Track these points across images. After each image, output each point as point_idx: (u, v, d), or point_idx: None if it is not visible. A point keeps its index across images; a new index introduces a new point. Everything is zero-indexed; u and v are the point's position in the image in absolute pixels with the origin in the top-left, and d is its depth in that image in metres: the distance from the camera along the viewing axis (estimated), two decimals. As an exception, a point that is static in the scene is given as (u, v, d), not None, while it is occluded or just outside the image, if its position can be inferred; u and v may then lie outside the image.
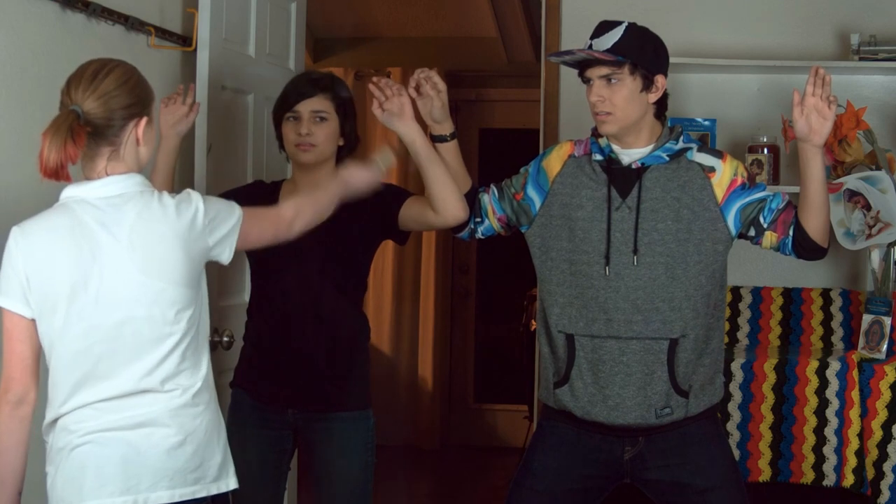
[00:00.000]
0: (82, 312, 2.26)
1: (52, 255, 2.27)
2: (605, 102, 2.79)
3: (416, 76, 2.96)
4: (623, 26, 2.79)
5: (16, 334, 2.31)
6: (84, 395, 2.28)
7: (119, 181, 2.31)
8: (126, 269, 2.27)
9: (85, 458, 2.27)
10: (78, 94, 2.27)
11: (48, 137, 2.22)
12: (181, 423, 2.31)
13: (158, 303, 2.29)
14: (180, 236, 2.32)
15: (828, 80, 2.73)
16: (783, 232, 2.84)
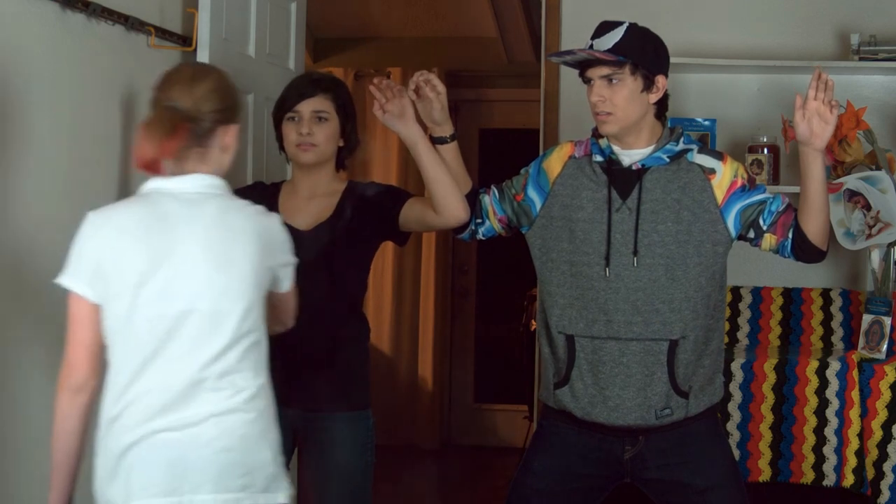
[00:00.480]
0: (148, 300, 2.28)
1: (126, 242, 2.30)
2: (605, 102, 2.79)
3: (416, 79, 2.96)
4: (624, 26, 2.79)
5: (81, 319, 2.31)
6: (142, 385, 2.28)
7: (203, 179, 2.37)
8: (198, 261, 2.30)
9: (133, 459, 2.27)
10: (174, 92, 2.34)
11: (147, 130, 2.28)
12: (231, 428, 2.30)
13: (226, 298, 2.31)
14: (258, 238, 2.36)
15: (830, 84, 2.74)
16: (783, 234, 2.84)
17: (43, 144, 2.91)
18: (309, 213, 3.06)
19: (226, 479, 2.29)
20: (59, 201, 2.98)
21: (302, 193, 3.10)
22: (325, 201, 3.09)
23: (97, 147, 3.15)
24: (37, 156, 2.88)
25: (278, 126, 3.11)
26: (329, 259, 3.04)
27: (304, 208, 3.08)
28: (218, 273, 2.31)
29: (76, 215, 3.05)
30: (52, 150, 2.95)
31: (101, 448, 2.33)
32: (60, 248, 2.99)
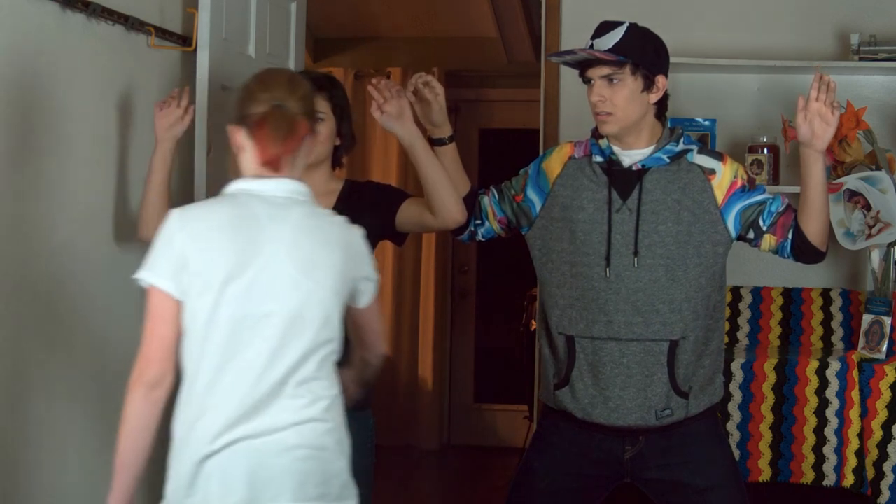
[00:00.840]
0: (233, 299, 2.26)
1: (214, 240, 2.28)
2: (606, 102, 2.79)
3: (414, 81, 2.96)
4: (624, 26, 2.79)
5: (161, 314, 2.28)
6: (221, 389, 2.26)
7: (291, 184, 2.37)
8: (284, 263, 2.29)
9: (212, 468, 2.25)
10: (280, 93, 2.34)
11: (265, 128, 2.30)
12: (309, 437, 2.28)
13: (309, 304, 2.29)
14: (342, 247, 2.36)
15: (832, 86, 2.74)
16: (782, 235, 2.84)
17: (43, 144, 2.91)
18: None
19: (304, 488, 2.27)
20: (58, 200, 2.98)
21: None
22: (321, 201, 3.04)
23: (96, 147, 3.15)
24: (36, 155, 2.88)
25: None
26: None
27: None
28: (302, 277, 2.29)
29: (75, 214, 3.06)
30: (52, 149, 2.95)
31: (178, 456, 2.29)
32: (57, 247, 3.00)
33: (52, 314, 2.97)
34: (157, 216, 3.10)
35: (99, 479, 2.51)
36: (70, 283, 3.05)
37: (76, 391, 3.09)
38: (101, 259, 3.19)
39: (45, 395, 2.95)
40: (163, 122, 3.09)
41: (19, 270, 2.82)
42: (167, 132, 3.09)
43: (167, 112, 3.09)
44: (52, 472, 2.99)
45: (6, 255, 2.76)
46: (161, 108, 3.10)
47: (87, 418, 3.15)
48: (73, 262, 3.05)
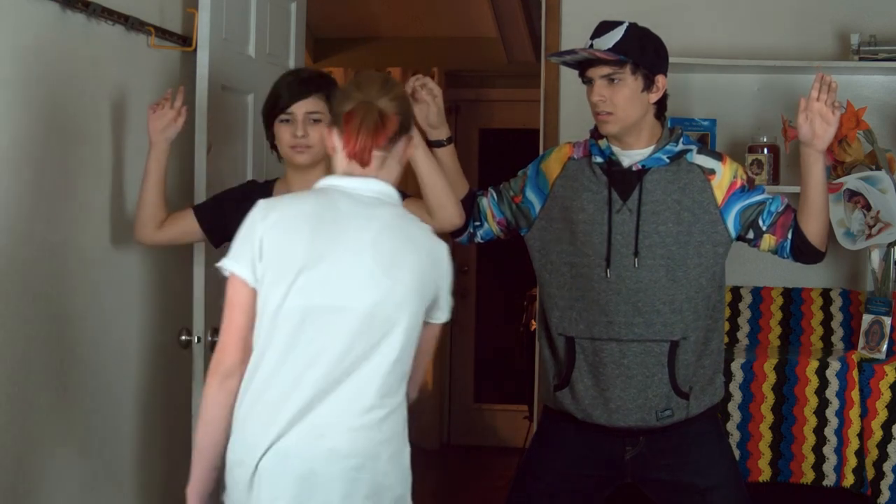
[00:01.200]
0: (303, 290, 2.24)
1: (292, 230, 2.28)
2: (606, 102, 2.79)
3: (411, 83, 2.96)
4: (624, 26, 2.79)
5: (237, 303, 2.29)
6: (279, 382, 2.23)
7: (381, 185, 2.36)
8: (363, 260, 2.26)
9: (263, 470, 2.23)
10: (373, 92, 2.34)
11: (354, 122, 2.30)
12: (364, 447, 2.24)
13: (386, 302, 2.26)
14: (428, 253, 2.32)
15: (834, 86, 2.74)
16: (782, 235, 2.84)
17: (42, 144, 2.91)
18: None
19: (352, 498, 2.24)
20: (57, 201, 2.98)
21: (295, 193, 3.07)
22: None
23: (95, 146, 3.15)
24: (36, 155, 2.88)
25: (269, 126, 3.05)
26: None
27: None
28: (382, 275, 2.26)
29: (74, 214, 3.06)
30: (52, 149, 2.95)
31: (232, 448, 2.28)
32: (57, 246, 2.99)
33: (50, 314, 2.97)
34: (152, 218, 3.10)
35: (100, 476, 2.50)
36: (70, 282, 3.05)
37: (74, 390, 3.09)
38: (100, 259, 3.19)
39: (44, 395, 2.95)
40: (156, 124, 3.08)
41: (19, 270, 2.82)
42: (161, 134, 3.08)
43: (160, 114, 3.08)
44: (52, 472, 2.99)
45: (6, 255, 2.76)
46: (154, 111, 3.09)
47: (84, 413, 3.15)
48: (72, 262, 3.05)
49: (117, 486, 3.33)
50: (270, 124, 3.04)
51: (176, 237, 3.14)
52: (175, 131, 3.11)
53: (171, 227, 3.12)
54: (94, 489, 3.19)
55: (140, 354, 3.40)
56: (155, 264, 3.41)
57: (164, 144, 3.09)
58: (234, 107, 3.54)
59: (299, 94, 2.99)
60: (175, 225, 3.12)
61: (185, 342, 3.36)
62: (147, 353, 3.44)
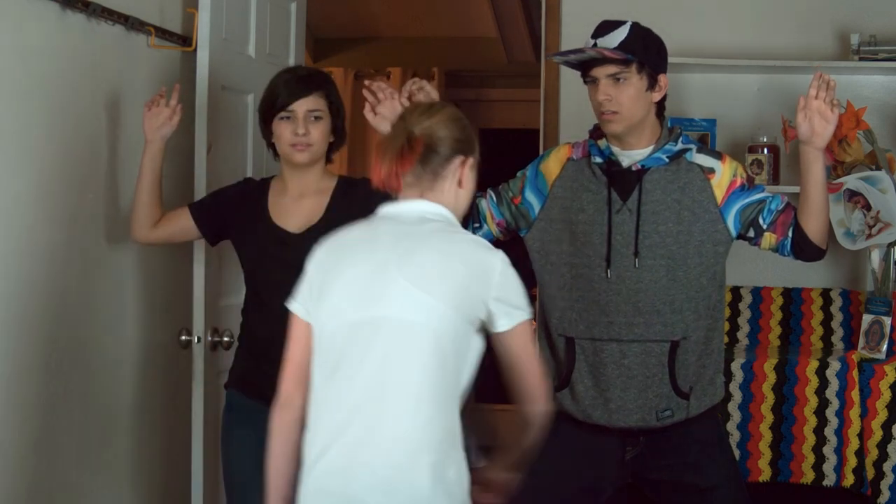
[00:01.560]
0: (340, 310, 2.25)
1: (334, 259, 2.30)
2: (612, 101, 2.79)
3: (408, 86, 2.96)
4: (627, 25, 2.79)
5: (293, 336, 2.33)
6: (324, 404, 2.23)
7: (429, 205, 2.33)
8: (391, 273, 2.24)
9: (306, 492, 2.22)
10: (413, 118, 2.33)
11: (380, 149, 2.30)
12: (397, 460, 2.18)
13: (420, 312, 2.22)
14: (468, 264, 2.27)
15: (832, 84, 2.74)
16: (782, 233, 2.84)
17: (42, 144, 2.91)
18: (300, 214, 3.02)
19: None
20: (56, 200, 2.98)
21: (292, 192, 3.05)
22: (315, 200, 3.04)
23: (95, 146, 3.15)
24: (36, 155, 2.88)
25: (267, 124, 3.03)
26: None
27: (294, 209, 3.03)
28: (414, 289, 2.22)
29: (74, 214, 3.06)
30: (52, 149, 2.95)
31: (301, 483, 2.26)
32: (58, 246, 3.00)
33: (50, 314, 2.97)
34: (148, 217, 3.10)
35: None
36: (69, 282, 3.05)
37: (74, 390, 3.09)
38: (100, 259, 3.19)
39: (44, 395, 2.95)
40: (151, 122, 3.08)
41: (19, 270, 2.82)
42: (156, 133, 3.08)
43: (155, 112, 3.08)
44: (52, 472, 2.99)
45: (6, 254, 2.76)
46: (149, 109, 3.09)
47: (84, 413, 3.15)
48: (72, 262, 3.05)
49: (117, 486, 3.33)
50: (268, 122, 3.02)
51: (172, 235, 3.14)
52: (170, 130, 3.10)
53: (167, 225, 3.12)
54: (94, 489, 3.19)
55: (140, 354, 3.40)
56: (155, 264, 3.41)
57: (160, 143, 3.09)
58: (234, 107, 3.54)
59: (301, 91, 2.98)
60: (171, 223, 3.12)
61: (185, 342, 3.36)
62: (147, 353, 3.44)
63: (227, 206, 3.09)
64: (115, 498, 3.31)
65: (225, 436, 3.10)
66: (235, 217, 3.07)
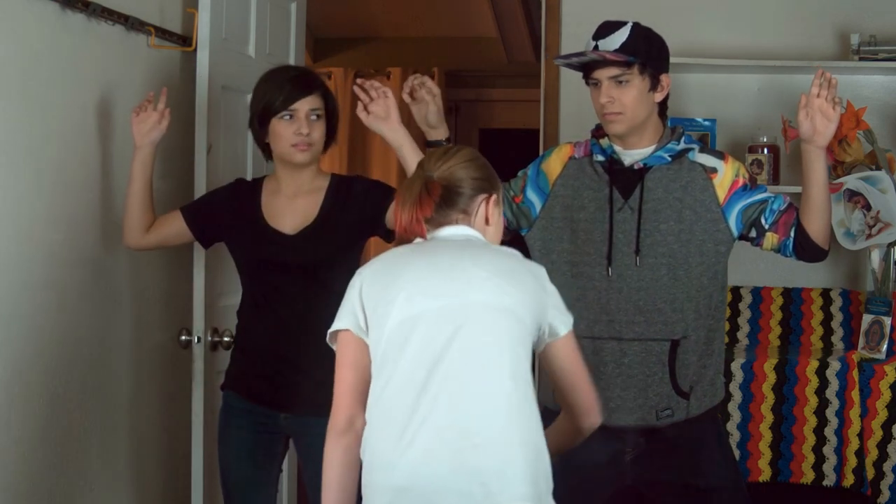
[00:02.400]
0: (415, 298, 2.21)
1: (389, 270, 2.27)
2: (615, 103, 2.79)
3: (410, 81, 2.96)
4: (629, 26, 2.78)
5: (342, 358, 2.27)
6: (380, 411, 2.19)
7: (467, 230, 2.33)
8: (465, 264, 2.24)
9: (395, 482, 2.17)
10: (430, 164, 2.34)
11: (401, 195, 2.30)
12: (502, 446, 2.14)
13: (501, 296, 2.21)
14: (527, 270, 2.30)
15: (834, 82, 2.74)
16: (784, 233, 2.84)
17: (42, 143, 2.91)
18: (294, 215, 3.01)
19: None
20: (56, 200, 2.98)
21: (286, 192, 3.03)
22: (309, 200, 3.03)
23: (95, 146, 3.15)
24: (36, 155, 2.88)
25: (263, 124, 2.99)
26: (316, 263, 2.99)
27: (288, 210, 3.01)
28: (493, 277, 2.22)
29: (74, 213, 3.06)
30: (51, 149, 2.95)
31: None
32: (57, 243, 2.99)
33: (50, 313, 2.97)
34: (140, 222, 3.08)
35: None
36: (69, 282, 3.05)
37: (73, 390, 3.09)
38: (100, 258, 3.19)
39: (43, 395, 2.95)
40: (140, 127, 3.06)
41: (19, 270, 2.82)
42: (145, 138, 3.06)
43: (144, 117, 3.06)
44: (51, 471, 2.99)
45: (6, 254, 2.76)
46: (137, 114, 3.06)
47: (83, 413, 3.15)
48: (72, 262, 3.05)
49: (117, 486, 3.33)
50: (265, 122, 2.99)
51: (165, 240, 3.13)
52: (159, 134, 3.08)
53: (160, 229, 3.10)
54: (94, 489, 3.19)
55: (140, 354, 3.40)
56: (155, 264, 3.41)
57: (149, 148, 3.07)
58: (234, 107, 3.53)
59: (302, 91, 2.96)
60: (163, 227, 3.10)
61: (185, 342, 3.36)
62: (147, 353, 3.44)
63: (220, 209, 3.08)
64: (115, 498, 3.31)
65: (222, 438, 3.10)
66: (228, 219, 3.06)
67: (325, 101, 3.02)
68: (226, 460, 3.08)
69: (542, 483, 2.19)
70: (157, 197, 3.34)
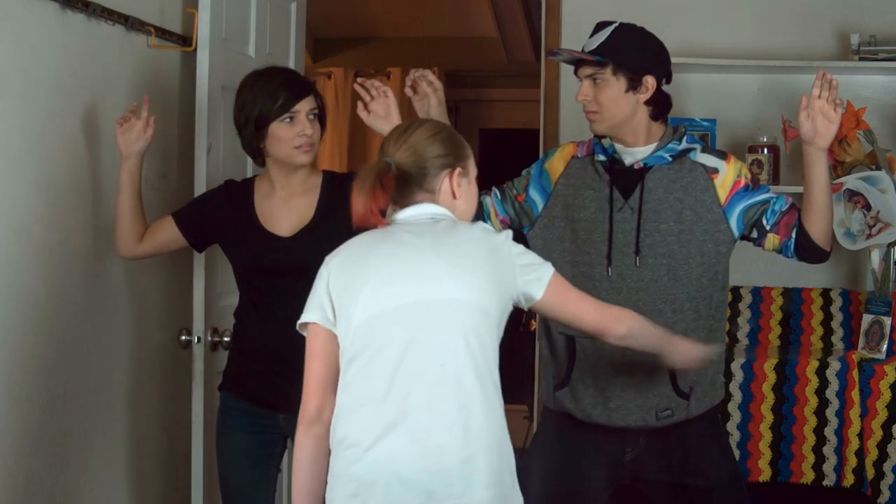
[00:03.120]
0: (378, 295, 2.23)
1: (354, 262, 2.28)
2: (591, 102, 2.82)
3: (412, 76, 2.96)
4: (612, 27, 2.79)
5: (311, 349, 2.30)
6: (374, 387, 2.20)
7: (432, 208, 2.33)
8: (427, 257, 2.24)
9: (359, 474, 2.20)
10: (390, 146, 2.33)
11: (357, 185, 2.27)
12: (471, 439, 2.18)
13: (464, 290, 2.22)
14: (490, 249, 2.29)
15: (835, 83, 2.74)
16: (786, 234, 2.83)
17: (42, 143, 2.91)
18: (290, 216, 3.00)
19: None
20: (56, 200, 2.98)
21: (280, 194, 3.02)
22: (304, 200, 3.02)
23: (95, 146, 3.15)
24: (36, 155, 2.88)
25: (260, 129, 2.95)
26: (312, 264, 2.98)
27: (283, 211, 3.01)
28: (451, 268, 2.23)
29: (73, 213, 3.06)
30: (51, 149, 2.95)
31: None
32: (57, 243, 3.00)
33: (49, 313, 2.97)
34: (132, 232, 3.06)
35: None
36: (69, 282, 3.05)
37: (73, 390, 3.09)
38: (100, 258, 3.19)
39: (43, 395, 2.95)
40: (125, 137, 3.03)
41: (19, 270, 2.82)
42: (131, 147, 3.03)
43: (128, 127, 3.03)
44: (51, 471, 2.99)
45: (5, 254, 2.76)
46: (121, 125, 3.04)
47: (83, 413, 3.15)
48: (72, 262, 3.05)
49: (116, 486, 3.33)
50: (262, 127, 2.95)
51: (159, 247, 3.11)
52: (146, 143, 3.06)
53: (153, 237, 3.09)
54: (94, 489, 3.19)
55: (140, 354, 3.40)
56: (155, 264, 3.41)
57: (136, 158, 3.05)
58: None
59: (302, 92, 2.95)
60: (156, 235, 3.09)
61: (185, 342, 3.36)
62: (147, 353, 3.44)
63: (213, 213, 3.06)
64: (115, 498, 3.31)
65: (220, 439, 3.09)
66: (223, 223, 3.04)
67: (318, 102, 3.02)
68: (224, 461, 3.08)
69: (506, 479, 2.23)
70: (158, 197, 3.34)
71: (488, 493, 2.18)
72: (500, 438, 2.24)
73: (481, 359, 2.23)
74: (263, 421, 3.04)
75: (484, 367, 2.23)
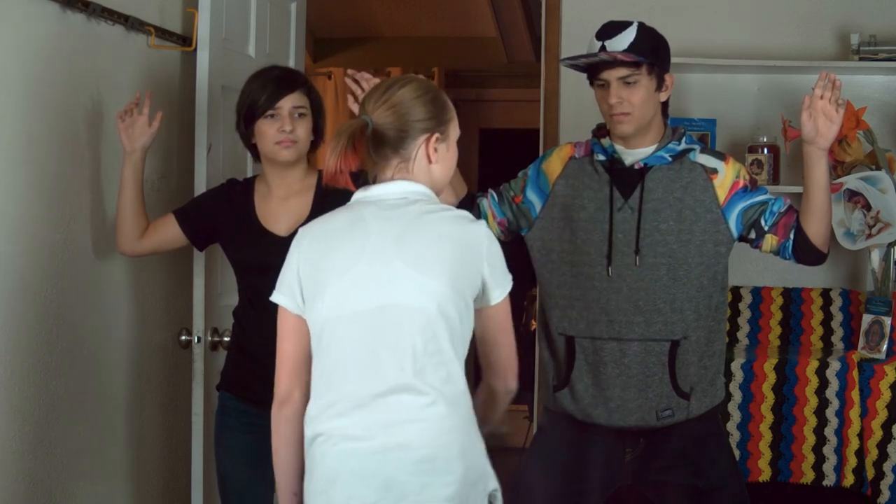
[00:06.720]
0: (340, 297, 2.22)
1: (324, 248, 2.26)
2: (623, 104, 2.79)
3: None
4: (635, 26, 2.78)
5: (283, 331, 2.31)
6: (339, 388, 2.22)
7: (404, 185, 2.28)
8: (389, 258, 2.21)
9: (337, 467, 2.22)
10: (370, 104, 2.27)
11: (330, 143, 2.23)
12: (430, 439, 2.21)
13: (421, 296, 2.20)
14: (458, 244, 2.24)
15: (838, 84, 2.74)
16: (784, 235, 2.83)
17: (42, 144, 2.91)
18: (287, 216, 3.00)
19: (420, 489, 2.20)
20: (56, 200, 2.98)
21: (277, 193, 3.03)
22: (300, 200, 3.02)
23: (95, 146, 3.15)
24: (36, 155, 2.88)
25: (249, 125, 2.99)
26: None
27: (280, 211, 3.01)
28: (411, 271, 2.20)
29: (73, 213, 3.06)
30: (51, 149, 2.95)
31: (308, 454, 2.28)
32: (57, 243, 2.99)
33: (49, 313, 2.97)
34: (133, 229, 3.06)
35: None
36: (69, 281, 3.05)
37: (73, 390, 3.09)
38: (100, 258, 3.19)
39: (43, 395, 2.95)
40: (128, 132, 3.02)
41: (19, 270, 2.82)
42: (135, 142, 3.02)
43: (131, 122, 3.02)
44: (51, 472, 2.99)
45: (5, 254, 2.76)
46: (123, 119, 3.02)
47: (83, 413, 3.15)
48: (72, 262, 3.05)
49: (117, 486, 3.33)
50: (250, 123, 2.98)
51: (159, 245, 3.11)
52: (150, 138, 3.05)
53: (154, 235, 3.09)
54: (93, 489, 3.19)
55: (140, 354, 3.40)
56: (155, 263, 3.41)
57: (139, 154, 3.03)
58: (234, 107, 3.53)
59: (285, 88, 2.96)
60: (157, 232, 3.09)
61: (185, 342, 3.36)
62: (147, 353, 3.44)
63: (214, 212, 3.06)
64: (115, 498, 3.31)
65: (218, 439, 3.09)
66: (223, 221, 3.05)
67: (309, 100, 3.01)
68: (222, 460, 3.07)
69: (471, 476, 2.28)
70: (158, 197, 3.34)
71: (448, 491, 2.20)
72: (464, 441, 2.28)
73: (439, 360, 2.21)
74: (261, 420, 3.03)
75: (443, 368, 2.22)
